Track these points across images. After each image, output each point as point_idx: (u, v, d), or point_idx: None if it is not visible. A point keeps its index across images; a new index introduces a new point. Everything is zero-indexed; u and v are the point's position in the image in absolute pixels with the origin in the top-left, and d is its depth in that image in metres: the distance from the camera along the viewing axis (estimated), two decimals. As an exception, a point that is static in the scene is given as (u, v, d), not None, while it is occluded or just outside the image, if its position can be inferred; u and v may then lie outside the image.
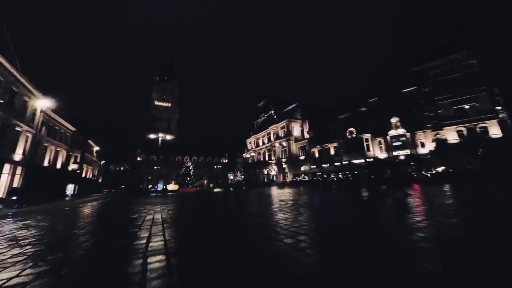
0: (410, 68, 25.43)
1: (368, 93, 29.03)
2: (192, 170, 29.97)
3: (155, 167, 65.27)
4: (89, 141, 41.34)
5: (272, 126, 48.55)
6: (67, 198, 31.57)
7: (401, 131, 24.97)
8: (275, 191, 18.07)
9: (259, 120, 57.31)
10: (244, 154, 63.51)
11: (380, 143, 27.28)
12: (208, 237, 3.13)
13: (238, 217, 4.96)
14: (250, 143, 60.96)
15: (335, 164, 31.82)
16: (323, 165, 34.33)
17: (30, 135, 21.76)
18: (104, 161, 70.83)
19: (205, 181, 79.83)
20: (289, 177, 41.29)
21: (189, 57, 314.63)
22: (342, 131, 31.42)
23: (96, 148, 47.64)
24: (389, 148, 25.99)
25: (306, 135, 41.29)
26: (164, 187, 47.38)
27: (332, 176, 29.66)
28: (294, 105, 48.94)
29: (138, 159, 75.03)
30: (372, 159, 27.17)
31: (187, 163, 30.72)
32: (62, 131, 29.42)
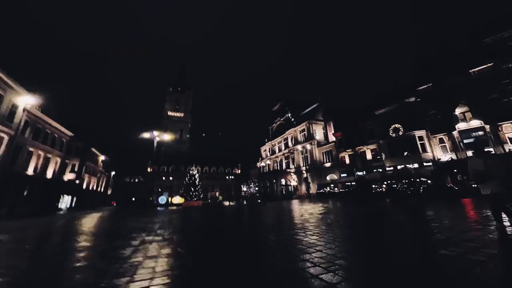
0: (479, 41, 19.11)
1: (417, 79, 22.75)
2: (197, 180, 25.03)
3: (164, 178, 61.61)
4: (92, 149, 38.54)
5: (290, 130, 42.95)
6: (60, 212, 27.82)
7: (475, 123, 18.17)
8: (297, 207, 12.31)
9: (274, 125, 52.09)
10: (258, 164, 57.89)
11: (441, 141, 20.45)
12: None
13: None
14: (265, 150, 55.46)
15: (376, 170, 25.06)
16: (358, 173, 27.62)
17: (5, 136, 18.28)
18: (114, 172, 68.99)
19: (217, 193, 74.65)
20: (312, 188, 34.69)
21: (202, 68, 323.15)
22: (382, 129, 24.99)
23: (102, 157, 44.93)
24: (457, 147, 19.10)
25: (332, 138, 35.04)
26: (170, 200, 42.68)
27: (374, 185, 22.94)
28: (314, 105, 43.29)
29: (149, 170, 72.41)
30: (430, 163, 20.30)
31: (192, 171, 25.89)
32: (55, 135, 26.30)
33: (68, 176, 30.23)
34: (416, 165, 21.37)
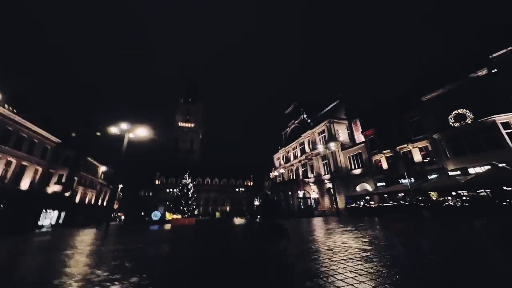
0: None
1: (489, 45, 16.21)
2: (191, 191, 19.95)
3: (168, 190, 57.53)
4: (89, 158, 35.58)
5: (306, 133, 36.91)
6: (42, 229, 23.93)
7: None
8: (322, 235, 6.24)
9: (287, 129, 46.38)
10: (271, 174, 51.61)
11: (548, 127, 13.33)
12: None
13: None
14: (278, 159, 49.39)
15: (432, 177, 17.99)
16: (402, 181, 20.54)
17: (-49, 137, 14.80)
18: (121, 185, 66.60)
19: (228, 208, 68.64)
20: (339, 202, 27.71)
21: (212, 77, 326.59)
22: (435, 119, 18.28)
23: (102, 168, 42.08)
24: None
25: (360, 138, 28.39)
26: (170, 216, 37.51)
27: (434, 198, 15.88)
28: (334, 103, 37.23)
29: (157, 182, 69.26)
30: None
31: (185, 180, 20.91)
32: (35, 140, 23.11)
33: (53, 188, 26.72)
34: (504, 165, 14.21)
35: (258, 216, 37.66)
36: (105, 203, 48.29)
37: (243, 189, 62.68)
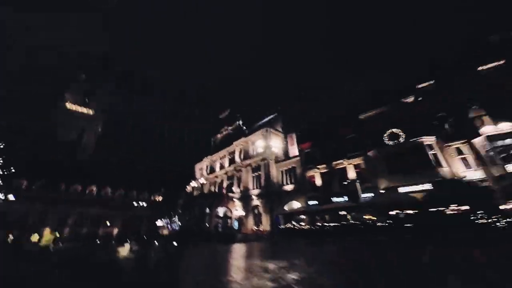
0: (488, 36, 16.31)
1: (418, 78, 18.05)
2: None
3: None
4: None
5: (240, 140, 32.26)
6: None
7: (508, 126, 13.09)
8: None
9: (218, 135, 40.41)
10: (187, 186, 41.81)
11: (459, 151, 14.53)
12: None
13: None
14: (201, 169, 41.30)
15: (366, 195, 16.73)
16: (335, 199, 18.71)
17: None
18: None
19: (115, 230, 49.46)
20: (264, 222, 23.14)
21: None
22: (371, 137, 18.06)
23: None
24: (488, 159, 13.23)
25: (294, 153, 26.46)
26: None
27: (367, 218, 13.96)
28: (272, 116, 35.51)
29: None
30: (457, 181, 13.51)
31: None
32: None
33: None
34: (428, 186, 14.28)
35: (155, 241, 26.81)
36: None
37: (145, 204, 47.70)
